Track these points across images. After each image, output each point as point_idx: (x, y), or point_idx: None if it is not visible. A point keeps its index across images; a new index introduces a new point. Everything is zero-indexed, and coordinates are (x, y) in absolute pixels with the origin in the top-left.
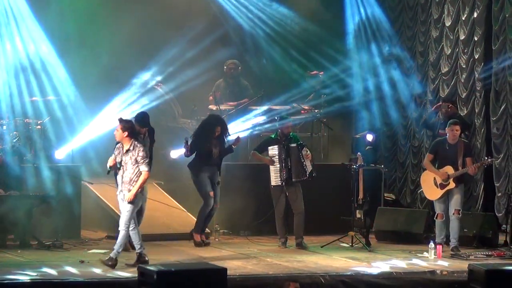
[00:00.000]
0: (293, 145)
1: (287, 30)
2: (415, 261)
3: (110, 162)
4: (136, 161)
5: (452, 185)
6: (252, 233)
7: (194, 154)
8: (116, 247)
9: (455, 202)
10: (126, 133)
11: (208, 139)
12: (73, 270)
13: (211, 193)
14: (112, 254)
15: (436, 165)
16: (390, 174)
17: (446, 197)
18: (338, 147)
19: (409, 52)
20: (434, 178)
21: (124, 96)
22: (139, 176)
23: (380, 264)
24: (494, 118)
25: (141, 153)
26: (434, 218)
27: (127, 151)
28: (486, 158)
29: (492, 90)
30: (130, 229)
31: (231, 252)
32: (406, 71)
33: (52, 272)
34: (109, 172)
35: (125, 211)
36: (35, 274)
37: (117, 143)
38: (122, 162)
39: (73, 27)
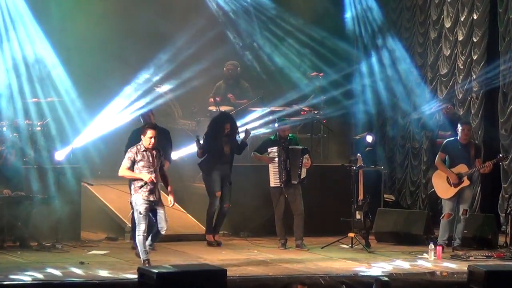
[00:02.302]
0: (298, 147)
1: (286, 31)
2: (415, 262)
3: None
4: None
5: (466, 182)
6: (252, 234)
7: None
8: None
9: (466, 201)
10: None
11: (218, 137)
12: (73, 272)
13: (217, 193)
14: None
15: (448, 164)
16: (391, 175)
17: (456, 197)
18: (337, 148)
19: (407, 53)
20: (447, 177)
21: (124, 97)
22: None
23: (380, 265)
24: (502, 120)
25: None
26: (441, 218)
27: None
28: (499, 155)
29: (500, 92)
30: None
31: (231, 253)
32: None
33: (52, 273)
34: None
35: (165, 212)
36: (35, 275)
37: (145, 149)
38: (151, 166)
39: (73, 28)
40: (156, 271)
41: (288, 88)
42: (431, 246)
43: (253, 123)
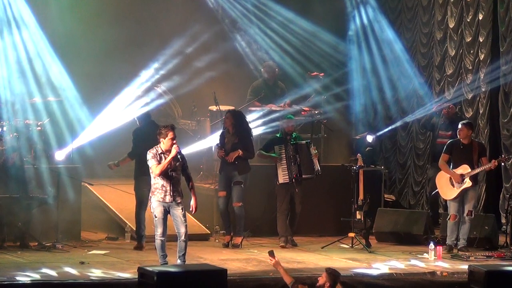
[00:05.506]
0: (302, 142)
1: (286, 31)
2: (415, 262)
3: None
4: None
5: (469, 183)
6: (252, 234)
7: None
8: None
9: (470, 202)
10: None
11: (221, 137)
12: (73, 271)
13: (219, 194)
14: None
15: (451, 165)
16: (390, 175)
17: (461, 198)
18: (338, 148)
19: (409, 53)
20: (450, 178)
21: (124, 97)
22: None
23: (380, 265)
24: (505, 120)
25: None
26: (447, 219)
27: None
28: (503, 155)
29: (501, 92)
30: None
31: (231, 253)
32: None
33: (52, 273)
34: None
35: (184, 220)
36: (34, 275)
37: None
38: (169, 168)
39: (73, 28)
40: (156, 271)
41: (288, 88)
42: (431, 246)
43: (254, 122)
